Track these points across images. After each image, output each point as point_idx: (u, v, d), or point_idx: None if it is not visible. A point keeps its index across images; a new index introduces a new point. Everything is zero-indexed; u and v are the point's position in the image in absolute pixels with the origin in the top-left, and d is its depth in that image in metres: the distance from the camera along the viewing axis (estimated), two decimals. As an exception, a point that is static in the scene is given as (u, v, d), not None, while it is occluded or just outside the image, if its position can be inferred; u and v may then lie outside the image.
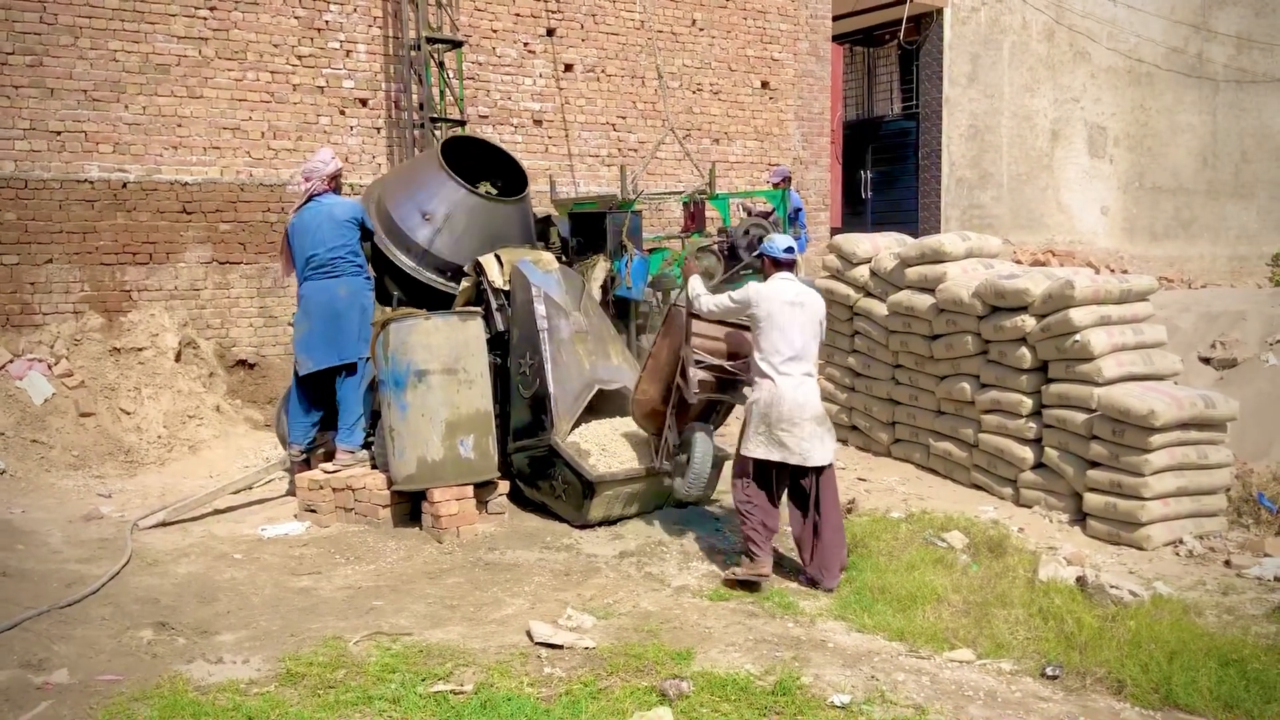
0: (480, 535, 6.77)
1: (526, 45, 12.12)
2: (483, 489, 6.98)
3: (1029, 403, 7.46)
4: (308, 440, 7.57)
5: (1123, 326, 7.35)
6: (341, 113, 10.89)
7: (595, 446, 7.03)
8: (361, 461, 7.34)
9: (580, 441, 7.03)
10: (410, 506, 7.00)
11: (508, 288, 7.47)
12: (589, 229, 8.71)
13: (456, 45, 11.21)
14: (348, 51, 10.91)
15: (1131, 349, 7.30)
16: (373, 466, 7.32)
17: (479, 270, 7.58)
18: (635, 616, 5.37)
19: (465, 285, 7.68)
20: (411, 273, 7.71)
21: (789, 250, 6.08)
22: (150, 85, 9.83)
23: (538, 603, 5.58)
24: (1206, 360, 9.83)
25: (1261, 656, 4.82)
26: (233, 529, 7.06)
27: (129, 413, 8.89)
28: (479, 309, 7.41)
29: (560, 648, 4.88)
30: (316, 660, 4.72)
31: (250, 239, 10.26)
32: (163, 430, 8.91)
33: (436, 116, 11.01)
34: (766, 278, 6.10)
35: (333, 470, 7.22)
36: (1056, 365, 7.33)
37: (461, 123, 11.23)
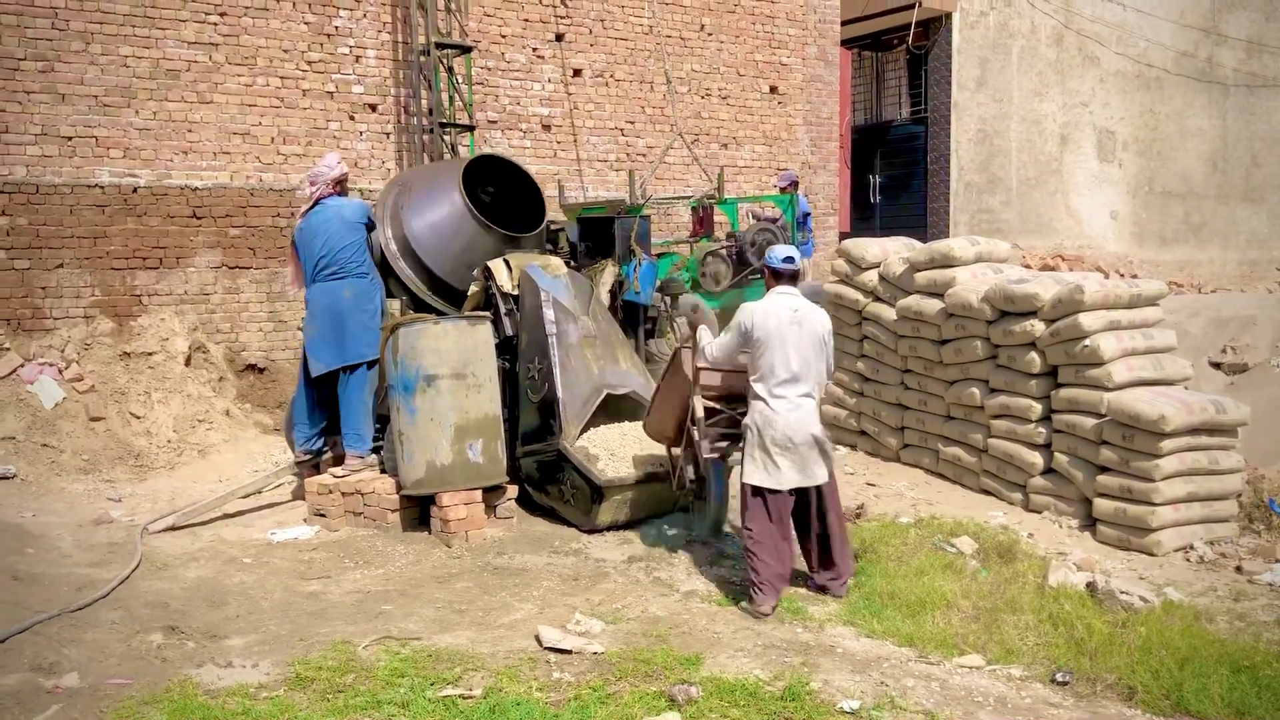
0: (489, 540, 6.78)
1: (535, 50, 12.14)
2: (491, 493, 6.99)
3: (1038, 408, 7.43)
4: (313, 444, 7.57)
5: (1132, 331, 7.33)
6: (351, 118, 10.92)
7: (604, 451, 7.03)
8: (370, 466, 7.35)
9: (589, 446, 7.03)
10: (419, 511, 7.02)
11: (516, 292, 7.48)
12: (597, 234, 8.72)
13: (465, 50, 11.23)
14: (357, 57, 10.94)
15: (1141, 354, 7.28)
16: (382, 471, 7.34)
17: (488, 275, 7.60)
18: (644, 621, 5.37)
19: (474, 290, 7.70)
20: (422, 295, 7.86)
21: (788, 260, 5.82)
22: (161, 91, 9.87)
23: (546, 607, 5.58)
24: (1217, 365, 9.79)
25: (1273, 663, 4.79)
26: (242, 533, 7.07)
27: (139, 417, 8.92)
28: (488, 313, 7.43)
29: (569, 652, 4.88)
30: (326, 664, 4.73)
31: (260, 244, 10.28)
32: (172, 434, 8.93)
33: (445, 122, 11.04)
34: (767, 288, 5.93)
35: (342, 475, 7.23)
36: (1066, 370, 7.31)
37: (470, 128, 11.26)
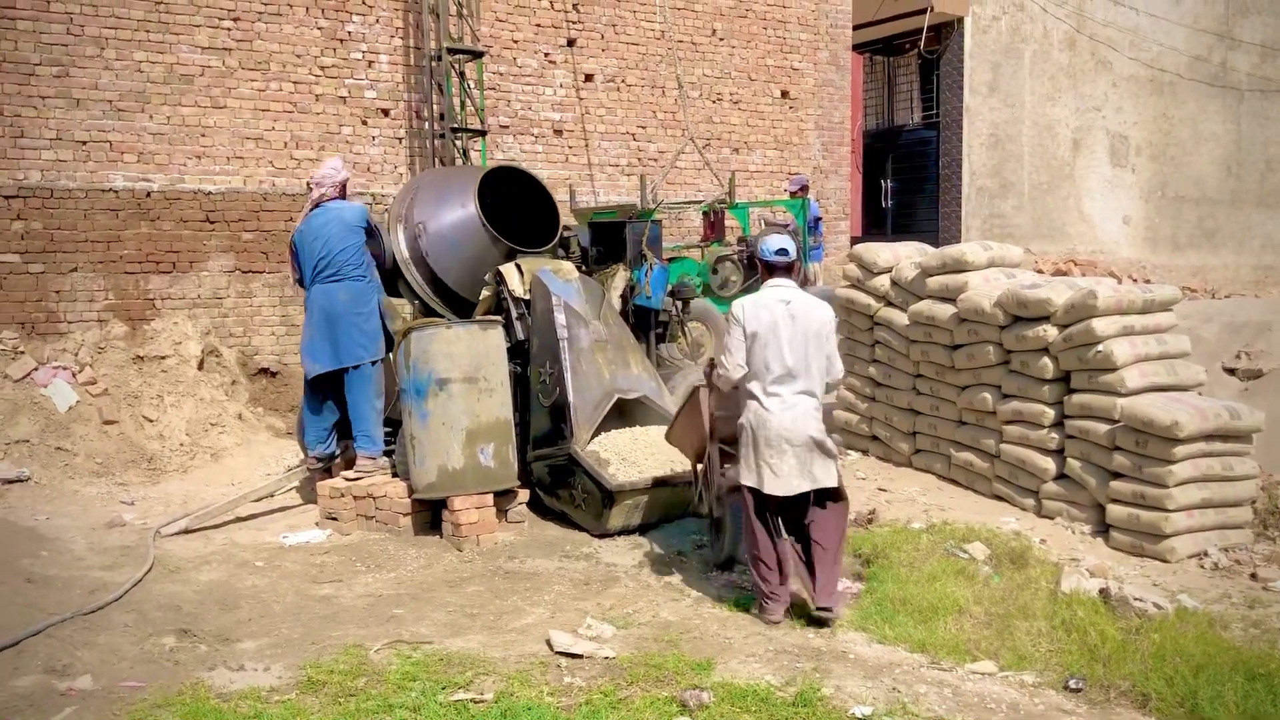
0: (500, 544, 6.78)
1: (547, 55, 12.16)
2: (503, 497, 7.00)
3: (1051, 413, 7.41)
4: (325, 447, 7.58)
5: (1146, 337, 7.30)
6: (364, 123, 10.96)
7: (615, 455, 7.03)
8: (382, 469, 7.35)
9: (600, 450, 7.03)
10: (431, 515, 7.02)
11: (528, 297, 7.49)
12: (609, 238, 8.72)
13: (477, 55, 11.26)
14: (370, 62, 10.98)
15: (1155, 359, 7.24)
16: (393, 474, 7.35)
17: (499, 279, 7.61)
18: (655, 626, 5.36)
19: (486, 294, 7.72)
20: (431, 304, 7.93)
21: (781, 252, 5.53)
22: (174, 95, 9.92)
23: (557, 612, 5.58)
24: (1231, 371, 9.74)
25: (1288, 670, 4.76)
26: (254, 537, 7.09)
27: (152, 420, 8.95)
28: (499, 318, 7.44)
29: (580, 657, 4.88)
30: (337, 668, 4.74)
31: (273, 248, 10.32)
32: (185, 438, 8.96)
33: (457, 126, 11.07)
34: (760, 282, 5.69)
35: (354, 478, 7.24)
36: (1079, 376, 7.28)
37: (482, 133, 11.28)
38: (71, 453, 8.38)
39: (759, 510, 5.51)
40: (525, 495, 7.17)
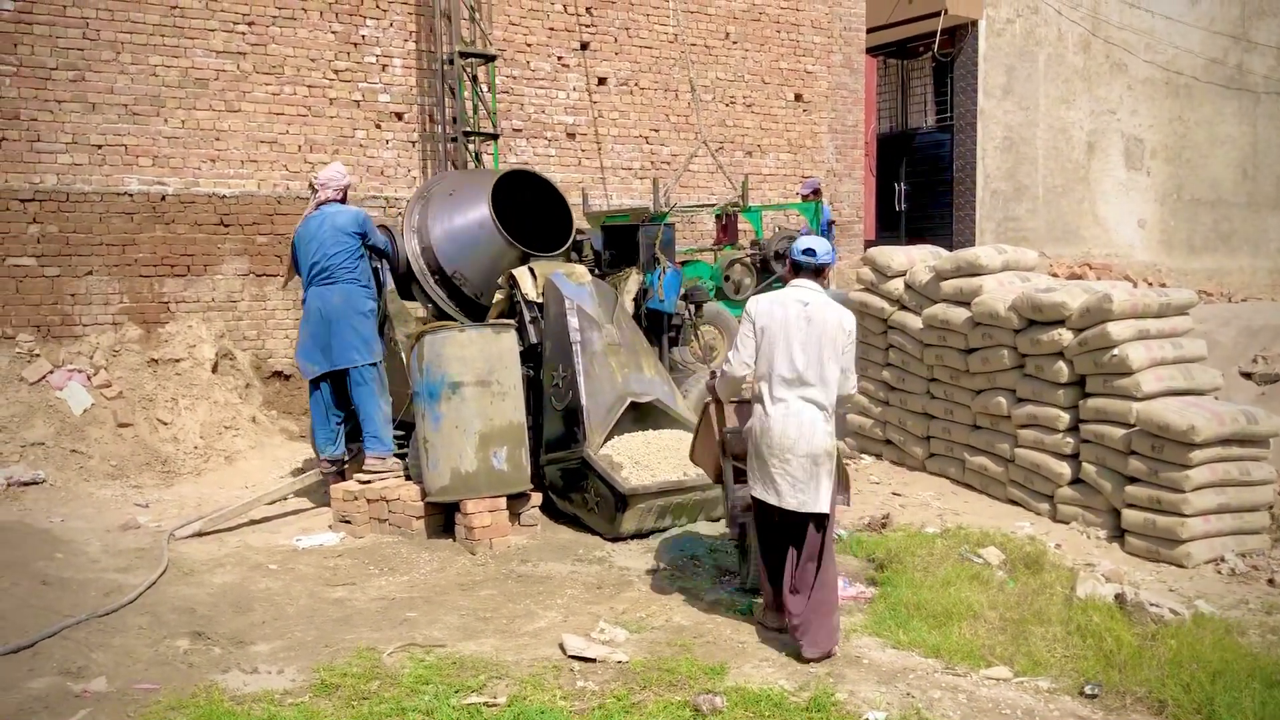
0: (513, 547, 6.78)
1: (560, 59, 12.17)
2: (516, 501, 6.99)
3: (1066, 417, 7.38)
4: (334, 449, 7.60)
5: (1162, 341, 7.26)
6: (377, 126, 10.98)
7: (628, 459, 7.02)
8: (393, 470, 7.35)
9: (613, 454, 7.02)
10: (444, 518, 7.02)
11: (541, 300, 7.49)
12: (622, 241, 8.71)
13: (490, 59, 11.28)
14: (384, 66, 11.00)
15: (1171, 363, 7.21)
16: (406, 477, 7.35)
17: (512, 283, 7.62)
18: (668, 630, 5.35)
19: (499, 298, 7.73)
20: (445, 307, 7.95)
21: (808, 253, 5.26)
22: (189, 99, 9.96)
23: (570, 615, 5.57)
24: (1248, 375, 9.68)
25: (1307, 677, 4.73)
26: (268, 539, 7.10)
27: (166, 423, 8.99)
28: (513, 321, 7.44)
29: (593, 661, 4.87)
30: (351, 671, 4.74)
31: (286, 251, 10.31)
32: (199, 441, 8.99)
33: (470, 130, 11.08)
34: (783, 284, 5.51)
35: (366, 480, 7.25)
36: (1094, 380, 7.25)
37: (495, 136, 11.30)
38: (86, 455, 8.41)
39: (762, 519, 5.31)
40: (538, 499, 7.17)
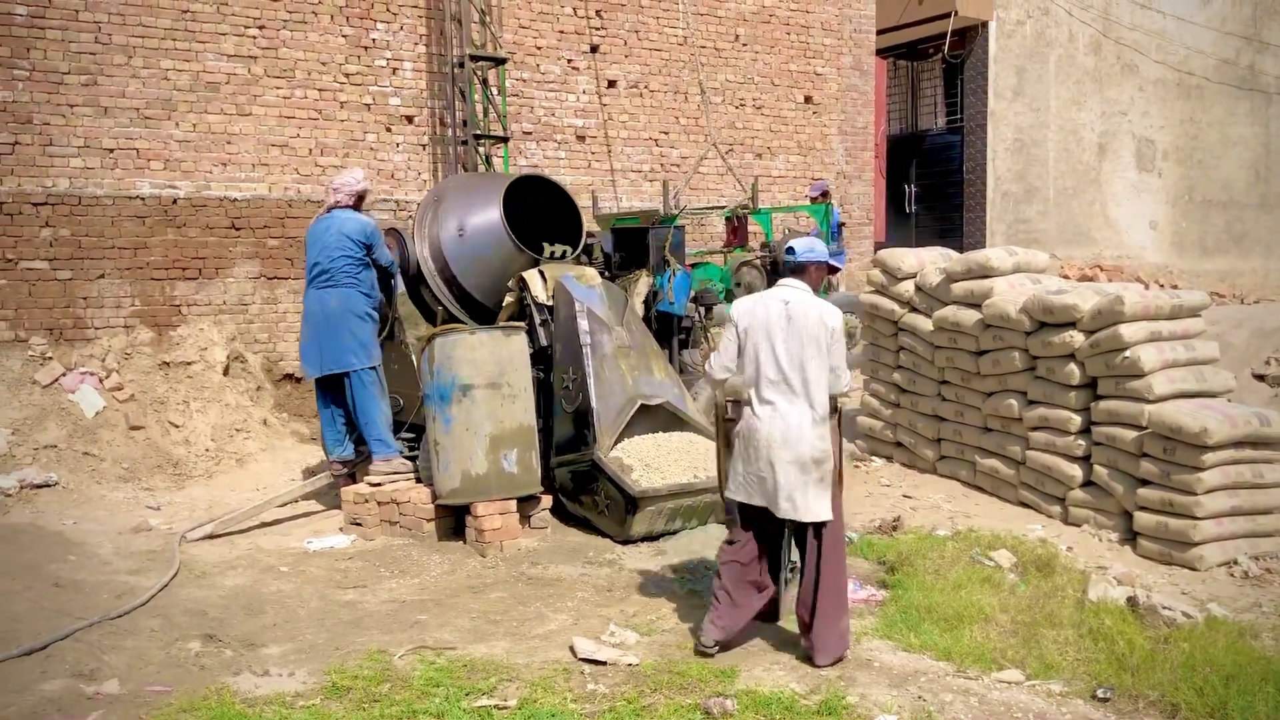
0: (523, 550, 6.79)
1: (570, 62, 12.18)
2: (526, 503, 7.00)
3: (1077, 420, 7.35)
4: (342, 449, 7.61)
5: (1174, 342, 7.23)
6: (388, 129, 11.01)
7: (638, 462, 7.02)
8: (400, 471, 7.34)
9: (623, 456, 7.02)
10: (454, 520, 7.04)
11: (551, 303, 7.50)
12: (631, 244, 8.72)
13: (500, 62, 11.29)
14: (394, 69, 11.03)
15: (1183, 365, 7.18)
16: (417, 479, 7.37)
17: (523, 285, 7.62)
18: (679, 633, 5.34)
19: (509, 300, 7.74)
20: (454, 311, 7.95)
21: (789, 251, 5.12)
22: (200, 103, 10.00)
23: (581, 618, 5.57)
24: (1260, 377, 9.63)
25: (1321, 681, 4.70)
26: (279, 542, 7.12)
27: (178, 426, 9.02)
28: (523, 324, 7.45)
29: (603, 664, 4.87)
30: (362, 674, 4.75)
31: (297, 254, 10.36)
32: (210, 443, 9.01)
33: (480, 133, 11.10)
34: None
35: (376, 483, 7.27)
36: (1106, 382, 7.22)
37: (505, 139, 11.31)
38: (98, 458, 8.45)
39: (746, 525, 5.13)
40: (548, 501, 7.17)
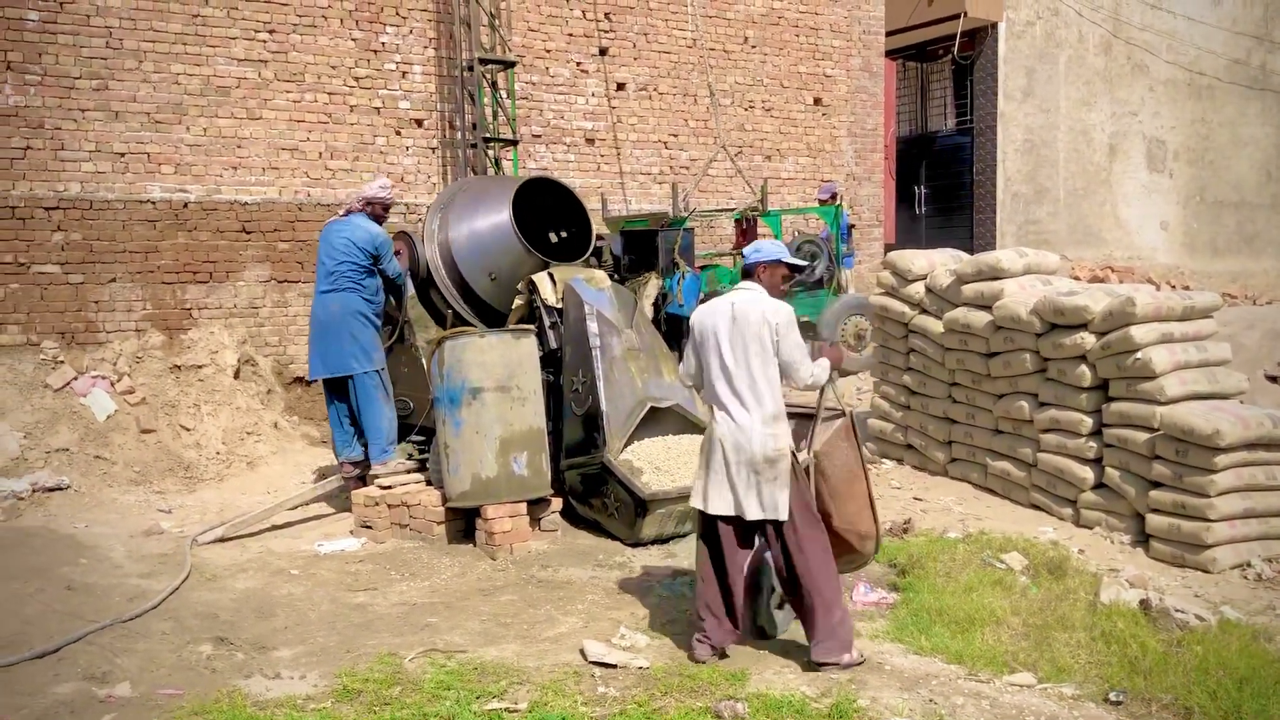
0: (533, 552, 6.79)
1: (579, 65, 12.19)
2: (536, 506, 7.01)
3: (1089, 421, 7.32)
4: (351, 451, 7.63)
5: (1185, 344, 7.20)
6: (397, 133, 11.03)
7: (648, 464, 7.01)
8: (396, 471, 7.37)
9: (633, 459, 7.02)
10: (464, 523, 7.04)
11: (560, 305, 7.50)
12: (641, 246, 8.73)
13: (509, 65, 11.31)
14: (403, 73, 11.05)
15: (1195, 367, 7.14)
16: (427, 482, 7.37)
17: (532, 288, 7.63)
18: (689, 637, 5.32)
19: (518, 303, 7.74)
20: (463, 314, 7.97)
21: (744, 255, 5.15)
22: (211, 107, 10.04)
23: (591, 621, 5.57)
24: (1273, 379, 9.59)
25: (1335, 684, 4.67)
26: (290, 545, 7.13)
27: (189, 429, 9.04)
28: (532, 326, 7.45)
29: (614, 667, 4.86)
30: (372, 676, 4.75)
31: (308, 258, 10.39)
32: (221, 446, 9.04)
33: (489, 136, 11.12)
34: (785, 293, 5.35)
35: (386, 486, 7.28)
36: (1117, 384, 7.19)
37: (514, 142, 11.32)
38: (110, 461, 8.47)
39: (704, 532, 5.10)
40: (558, 504, 7.17)
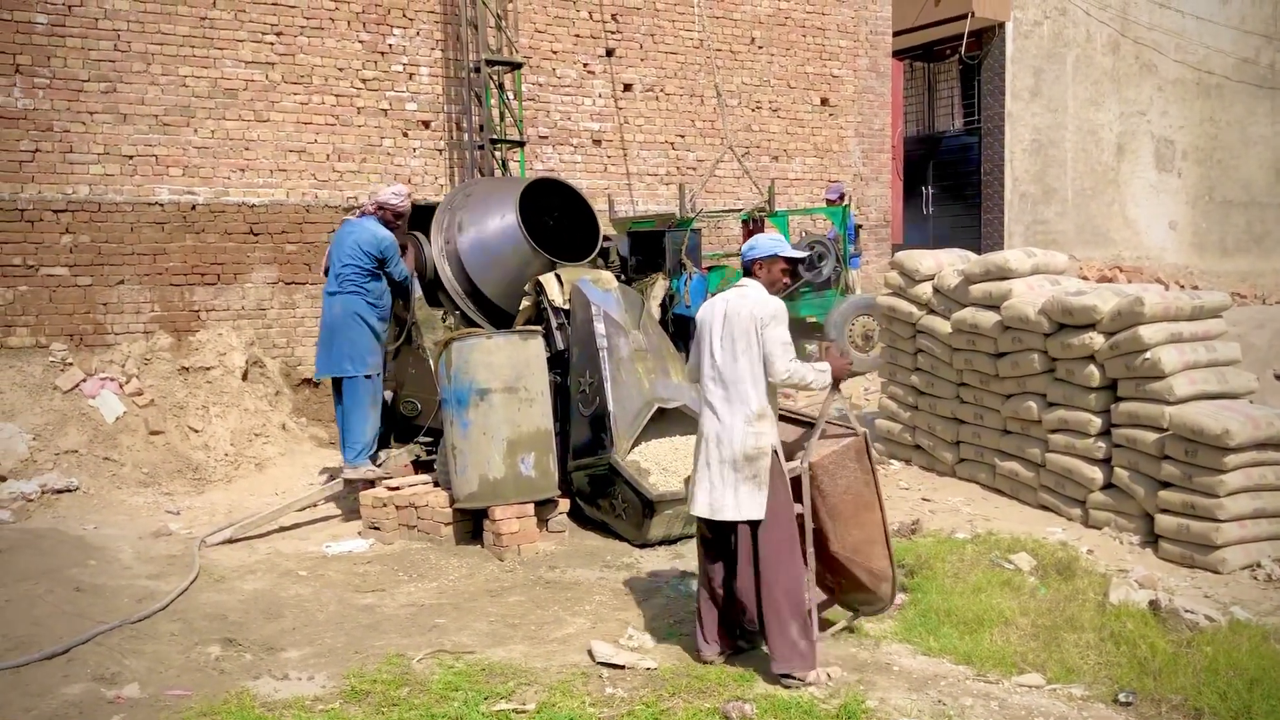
0: (541, 553, 6.79)
1: (586, 66, 12.20)
2: (543, 507, 7.01)
3: (1097, 422, 7.30)
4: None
5: (1194, 344, 7.17)
6: (404, 134, 11.04)
7: (655, 465, 7.01)
8: (365, 478, 7.45)
9: (640, 460, 7.02)
10: (472, 524, 7.04)
11: (568, 306, 7.50)
12: (648, 247, 8.73)
13: (516, 67, 11.32)
14: (410, 74, 11.07)
15: (1204, 367, 7.12)
16: (435, 484, 7.38)
17: (539, 289, 7.63)
18: (695, 637, 5.32)
19: (526, 304, 7.75)
20: (471, 314, 8.00)
21: (743, 251, 5.12)
22: (219, 110, 10.06)
23: (599, 622, 5.57)
24: (1283, 378, 9.57)
25: (1346, 685, 4.65)
26: (298, 546, 7.14)
27: (197, 431, 9.06)
28: (539, 328, 7.46)
29: (622, 668, 4.86)
30: (380, 678, 4.75)
31: (315, 259, 10.41)
32: (230, 448, 9.05)
33: (497, 138, 11.12)
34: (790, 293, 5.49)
35: (394, 487, 7.30)
36: (1126, 384, 7.17)
37: (521, 143, 11.33)
38: (119, 463, 8.50)
39: (701, 536, 5.08)
40: (566, 505, 7.17)
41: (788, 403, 5.20)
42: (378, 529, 7.23)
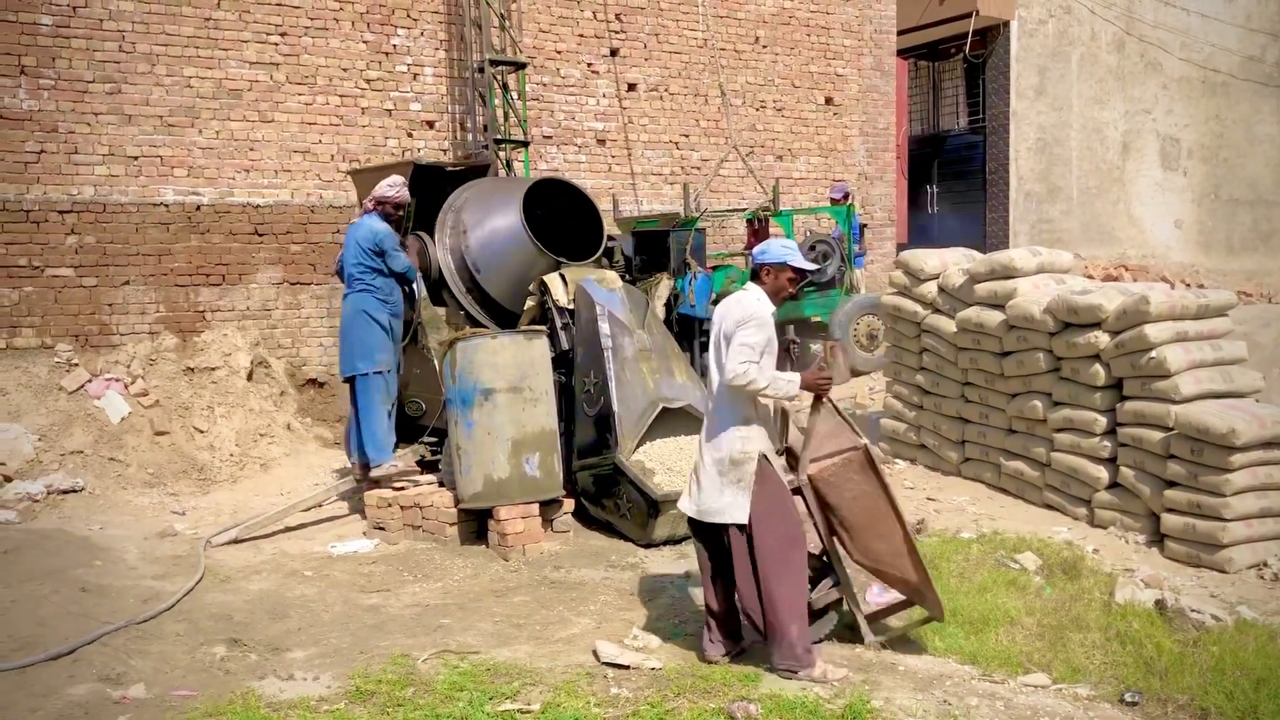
0: (546, 553, 6.79)
1: (590, 66, 12.20)
2: (548, 507, 7.00)
3: (1103, 421, 7.29)
4: (362, 455, 7.66)
5: (1200, 342, 7.16)
6: (409, 135, 11.05)
7: (660, 465, 7.01)
8: (389, 473, 7.40)
9: (645, 460, 7.01)
10: (476, 524, 7.05)
11: (572, 306, 7.50)
12: (652, 247, 8.73)
13: (520, 67, 11.32)
14: (415, 75, 11.07)
15: (1210, 365, 7.11)
16: (440, 484, 7.38)
17: (544, 289, 7.63)
18: (701, 637, 5.32)
19: (530, 304, 7.75)
20: (476, 315, 8.01)
21: (754, 253, 5.04)
22: (223, 110, 10.07)
23: (604, 622, 5.56)
24: (1289, 377, 9.53)
25: (1353, 685, 4.63)
26: (303, 546, 7.15)
27: (202, 431, 9.07)
28: (544, 327, 7.46)
29: (626, 668, 4.85)
30: (385, 678, 4.75)
31: (320, 260, 10.43)
32: (235, 448, 9.06)
33: (501, 138, 11.12)
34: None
35: (399, 487, 7.30)
36: (1131, 383, 7.16)
37: (525, 143, 11.33)
38: (124, 463, 8.51)
39: (694, 537, 5.11)
40: (570, 505, 7.17)
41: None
42: (383, 529, 7.24)
